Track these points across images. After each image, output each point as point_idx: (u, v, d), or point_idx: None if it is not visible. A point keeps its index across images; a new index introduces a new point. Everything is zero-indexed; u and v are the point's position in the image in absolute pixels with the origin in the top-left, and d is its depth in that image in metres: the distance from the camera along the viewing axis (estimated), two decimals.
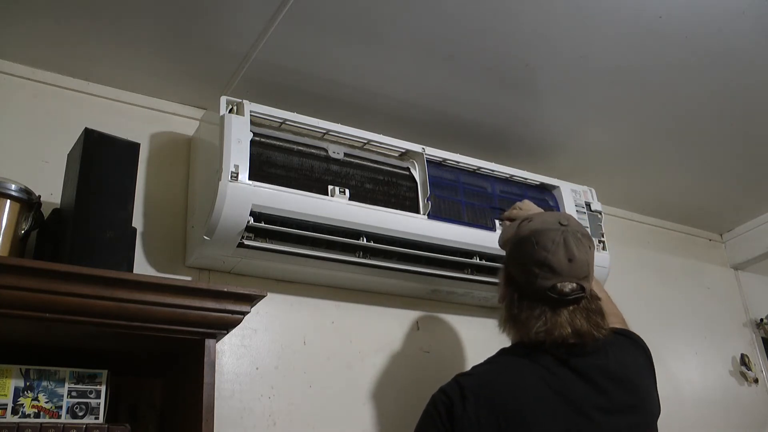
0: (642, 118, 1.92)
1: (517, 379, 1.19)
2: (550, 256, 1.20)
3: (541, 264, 1.20)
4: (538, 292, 1.20)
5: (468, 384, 1.18)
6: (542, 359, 1.19)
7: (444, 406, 1.16)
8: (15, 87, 1.54)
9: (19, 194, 1.24)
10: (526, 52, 1.62)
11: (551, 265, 1.19)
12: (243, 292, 1.22)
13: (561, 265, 1.19)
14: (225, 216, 1.39)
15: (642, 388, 1.24)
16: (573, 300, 1.19)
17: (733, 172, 2.26)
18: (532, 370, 1.18)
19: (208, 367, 1.17)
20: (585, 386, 1.17)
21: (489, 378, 1.21)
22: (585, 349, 1.19)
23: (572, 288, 1.19)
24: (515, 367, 1.21)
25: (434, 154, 1.74)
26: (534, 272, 1.20)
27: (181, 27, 1.47)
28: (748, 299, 2.68)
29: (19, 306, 1.04)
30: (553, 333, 1.18)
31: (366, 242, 1.57)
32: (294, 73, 1.63)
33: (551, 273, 1.19)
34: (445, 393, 1.19)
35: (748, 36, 1.60)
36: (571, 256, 1.20)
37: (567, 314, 1.19)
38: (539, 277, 1.20)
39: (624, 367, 1.23)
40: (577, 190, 1.95)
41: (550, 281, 1.19)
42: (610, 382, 1.19)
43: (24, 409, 1.12)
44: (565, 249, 1.20)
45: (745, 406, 2.43)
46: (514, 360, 1.23)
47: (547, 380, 1.17)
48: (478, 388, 1.17)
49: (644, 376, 1.27)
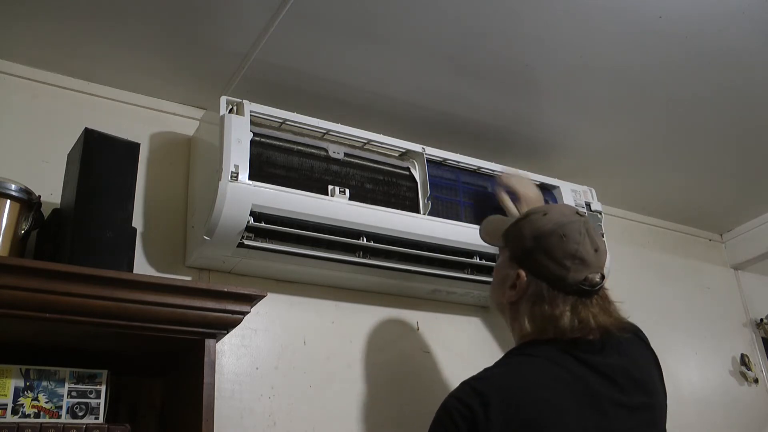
0: (642, 118, 1.92)
1: (536, 380, 1.13)
2: (581, 249, 1.19)
3: (573, 257, 1.19)
4: (571, 285, 1.18)
5: (486, 389, 1.09)
6: (560, 359, 1.15)
7: (463, 418, 1.06)
8: (15, 87, 1.54)
9: (19, 194, 1.24)
10: (526, 53, 1.62)
11: (582, 257, 1.19)
12: (243, 292, 1.22)
13: (590, 256, 1.19)
14: (225, 216, 1.39)
15: (656, 389, 1.23)
16: (598, 290, 1.20)
17: (733, 172, 2.26)
18: (550, 370, 1.14)
19: (208, 367, 1.18)
20: (605, 385, 1.14)
21: (507, 381, 1.14)
22: (603, 347, 1.18)
23: (600, 278, 1.20)
24: (533, 369, 1.15)
25: (434, 154, 1.74)
26: (566, 265, 1.18)
27: (181, 27, 1.47)
28: (748, 299, 2.68)
29: (19, 306, 1.04)
30: (588, 325, 1.16)
31: (366, 242, 1.57)
32: (294, 73, 1.63)
33: (582, 265, 1.18)
34: (461, 402, 1.09)
35: (748, 36, 1.60)
36: (596, 247, 1.21)
37: (593, 305, 1.19)
38: (572, 270, 1.18)
39: (640, 368, 1.22)
40: (577, 190, 1.95)
41: (582, 273, 1.18)
42: (628, 382, 1.17)
43: (24, 409, 1.12)
44: (590, 240, 1.21)
45: (745, 406, 2.43)
46: (530, 361, 1.17)
47: (566, 380, 1.13)
48: (498, 393, 1.09)
49: (655, 375, 1.27)
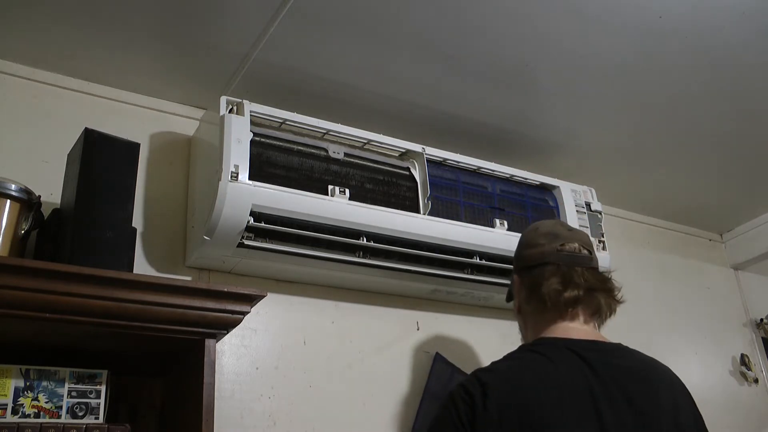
0: (642, 118, 1.92)
1: (541, 376, 1.14)
2: (552, 229, 1.32)
3: (545, 235, 1.31)
4: (549, 254, 1.26)
5: (489, 380, 1.13)
6: (566, 357, 1.16)
7: (463, 402, 1.11)
8: (15, 87, 1.54)
9: (19, 194, 1.24)
10: (526, 52, 1.62)
11: (556, 233, 1.30)
12: (243, 292, 1.22)
13: (563, 232, 1.31)
14: (225, 216, 1.39)
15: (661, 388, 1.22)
16: (583, 260, 1.26)
17: (733, 172, 2.26)
18: (556, 367, 1.15)
19: (208, 367, 1.18)
20: (608, 386, 1.14)
21: (511, 374, 1.16)
22: (606, 348, 1.20)
23: (578, 247, 1.28)
24: (538, 364, 1.17)
25: (434, 154, 1.74)
26: (541, 242, 1.29)
27: (182, 27, 1.47)
28: (748, 299, 2.68)
29: (19, 306, 1.04)
30: (567, 287, 1.22)
31: (366, 242, 1.57)
32: (294, 73, 1.63)
33: (556, 238, 1.29)
34: (464, 388, 1.14)
35: (748, 36, 1.59)
36: (569, 228, 1.34)
37: (581, 272, 1.25)
38: (546, 244, 1.29)
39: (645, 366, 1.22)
40: (577, 190, 1.95)
41: (556, 243, 1.28)
42: (633, 383, 1.16)
43: (24, 409, 1.12)
44: (562, 225, 1.35)
45: (745, 406, 2.43)
46: (536, 357, 1.19)
47: (571, 378, 1.13)
48: (500, 384, 1.12)
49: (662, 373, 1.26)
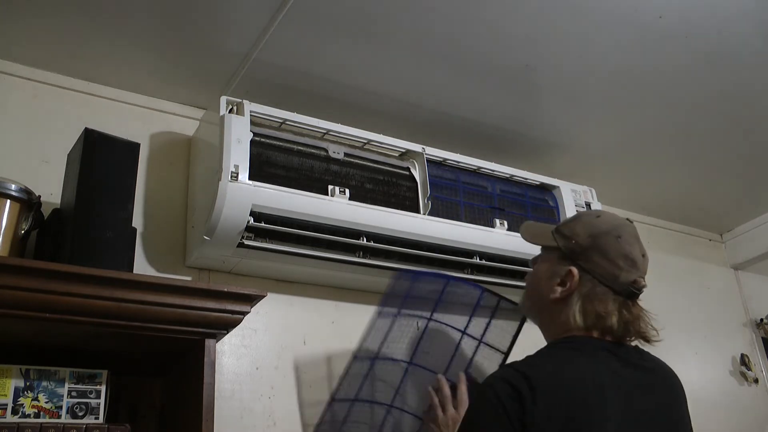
0: (642, 118, 1.92)
1: (581, 372, 1.13)
2: (633, 251, 1.23)
3: (626, 257, 1.22)
4: (622, 285, 1.21)
5: (533, 374, 1.08)
6: (600, 356, 1.17)
7: (511, 399, 1.05)
8: (15, 87, 1.54)
9: (19, 194, 1.24)
10: (526, 53, 1.62)
11: (633, 260, 1.22)
12: (243, 292, 1.22)
13: (639, 259, 1.23)
14: (225, 216, 1.39)
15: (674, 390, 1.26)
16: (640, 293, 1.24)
17: (733, 172, 2.26)
18: (593, 364, 1.15)
19: (208, 367, 1.18)
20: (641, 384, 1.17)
21: (552, 369, 1.13)
22: (630, 350, 1.22)
23: (644, 283, 1.24)
24: (577, 360, 1.16)
25: (434, 153, 1.74)
26: (619, 265, 1.22)
27: (182, 27, 1.47)
28: (748, 299, 2.68)
29: (19, 306, 1.04)
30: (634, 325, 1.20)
31: (366, 242, 1.57)
32: (294, 73, 1.63)
33: (633, 267, 1.22)
34: (509, 384, 1.07)
35: (748, 36, 1.60)
36: (643, 252, 1.25)
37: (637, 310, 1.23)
38: (624, 270, 1.21)
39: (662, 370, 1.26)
40: (577, 190, 1.96)
41: (632, 275, 1.22)
42: (658, 381, 1.21)
43: (24, 409, 1.12)
44: (639, 245, 1.25)
45: (745, 406, 2.43)
46: (572, 353, 1.17)
47: (608, 376, 1.14)
48: (546, 379, 1.08)
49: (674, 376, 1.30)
